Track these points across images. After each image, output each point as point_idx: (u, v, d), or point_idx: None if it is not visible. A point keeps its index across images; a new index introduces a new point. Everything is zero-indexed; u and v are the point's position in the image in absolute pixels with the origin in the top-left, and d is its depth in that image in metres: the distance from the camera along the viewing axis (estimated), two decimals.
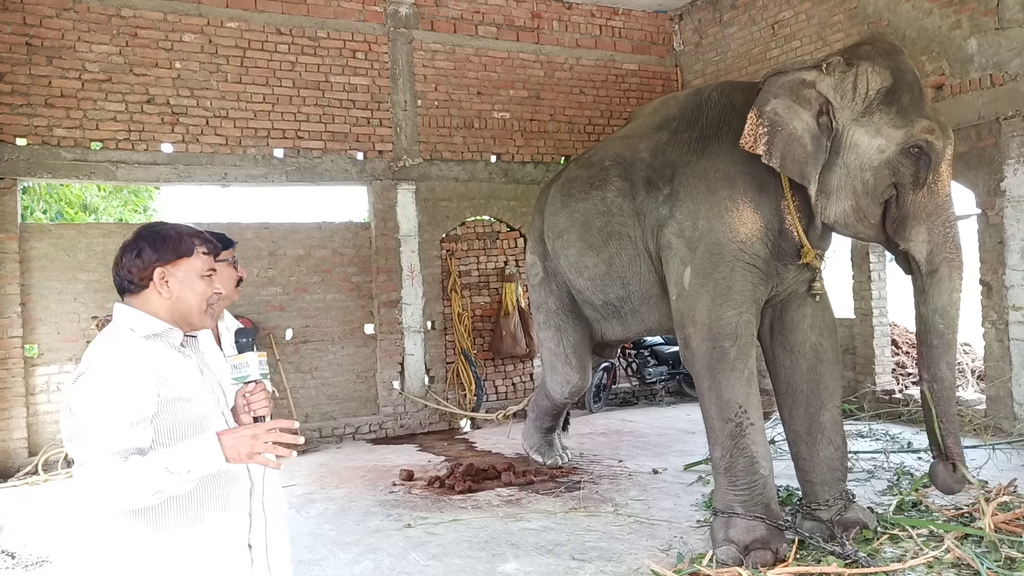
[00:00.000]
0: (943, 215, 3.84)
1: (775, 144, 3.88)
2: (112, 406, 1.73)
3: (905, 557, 3.82)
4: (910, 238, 3.89)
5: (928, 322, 3.93)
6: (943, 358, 3.93)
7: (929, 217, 3.84)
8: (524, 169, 9.07)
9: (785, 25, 8.49)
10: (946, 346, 3.92)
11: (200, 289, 1.91)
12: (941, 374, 3.93)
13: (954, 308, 3.90)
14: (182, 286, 1.89)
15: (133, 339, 1.83)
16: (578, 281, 5.36)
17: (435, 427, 8.45)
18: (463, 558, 4.33)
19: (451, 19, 8.70)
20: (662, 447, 6.93)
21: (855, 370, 7.83)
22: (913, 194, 3.84)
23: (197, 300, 1.91)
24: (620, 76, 9.71)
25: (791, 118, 3.88)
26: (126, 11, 7.26)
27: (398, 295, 8.35)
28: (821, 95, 3.88)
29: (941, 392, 3.94)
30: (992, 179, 6.36)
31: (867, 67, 3.83)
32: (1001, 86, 6.33)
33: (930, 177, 3.82)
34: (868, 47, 3.95)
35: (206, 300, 1.92)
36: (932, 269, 3.87)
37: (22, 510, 5.71)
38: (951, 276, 3.86)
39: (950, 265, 3.85)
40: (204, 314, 1.93)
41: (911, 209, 3.86)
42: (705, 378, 4.13)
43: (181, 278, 1.89)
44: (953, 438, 3.95)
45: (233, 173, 7.67)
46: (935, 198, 3.84)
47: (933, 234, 3.84)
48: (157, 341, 1.86)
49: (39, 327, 7.02)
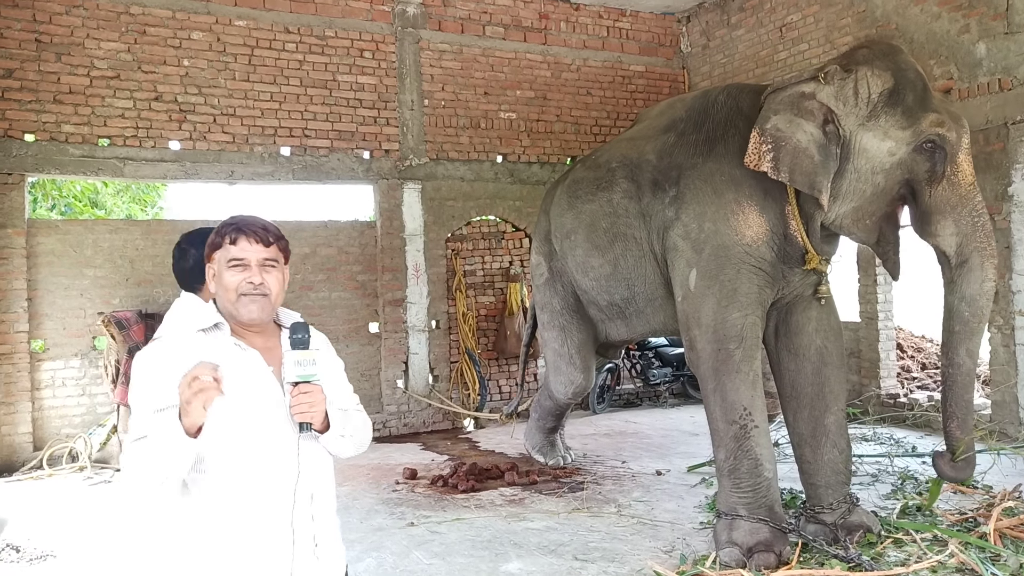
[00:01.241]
0: (968, 205, 3.75)
1: (781, 159, 3.86)
2: (141, 394, 1.78)
3: (909, 561, 3.82)
4: (936, 233, 3.80)
5: (954, 309, 3.82)
6: (963, 344, 3.81)
7: (954, 209, 3.75)
8: (530, 169, 9.08)
9: (793, 28, 8.48)
10: (969, 333, 3.80)
11: (226, 280, 1.88)
12: (959, 360, 3.82)
13: (984, 298, 3.78)
14: (216, 279, 1.92)
15: (183, 333, 1.87)
16: (584, 281, 5.36)
17: (439, 426, 8.45)
18: (466, 557, 4.33)
19: (458, 19, 8.71)
20: (666, 448, 6.93)
21: (860, 374, 7.81)
22: (932, 189, 3.77)
23: (226, 291, 1.89)
24: (627, 77, 9.71)
25: (794, 131, 3.86)
26: (135, 8, 7.28)
27: (403, 294, 8.36)
28: (823, 105, 3.85)
29: (955, 377, 3.83)
30: (1000, 184, 6.35)
31: (866, 71, 3.80)
32: (1010, 91, 6.31)
33: (948, 169, 3.75)
34: (865, 51, 3.92)
35: (235, 291, 1.87)
36: (963, 260, 3.77)
37: (27, 504, 5.73)
38: (983, 265, 3.75)
39: (981, 254, 3.75)
40: (237, 304, 1.88)
41: (933, 204, 3.78)
42: (710, 380, 4.13)
43: (215, 270, 1.92)
44: (958, 422, 3.83)
45: (240, 171, 7.69)
46: (958, 189, 3.76)
47: (961, 225, 3.75)
48: (214, 333, 1.89)
49: (45, 322, 7.05)
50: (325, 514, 1.94)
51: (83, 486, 6.30)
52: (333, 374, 2.02)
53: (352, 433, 1.96)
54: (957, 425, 3.85)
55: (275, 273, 1.92)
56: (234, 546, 1.81)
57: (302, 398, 1.80)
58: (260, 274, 1.89)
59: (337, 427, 1.90)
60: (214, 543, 1.81)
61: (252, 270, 1.88)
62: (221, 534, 1.81)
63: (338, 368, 2.08)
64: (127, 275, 7.35)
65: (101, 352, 7.05)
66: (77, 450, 6.85)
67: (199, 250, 2.42)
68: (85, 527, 5.15)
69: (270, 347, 1.94)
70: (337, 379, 2.04)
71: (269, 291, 1.90)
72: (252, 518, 1.82)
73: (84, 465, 6.71)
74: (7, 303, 6.81)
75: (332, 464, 2.00)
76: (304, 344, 1.84)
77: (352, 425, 1.97)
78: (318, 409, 1.82)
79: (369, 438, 2.07)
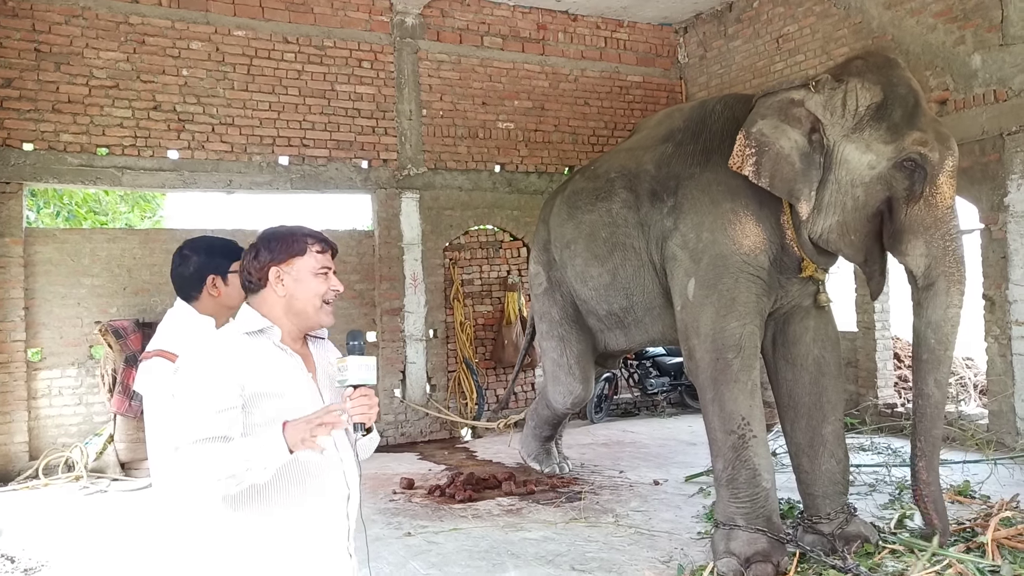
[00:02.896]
0: (942, 228, 3.73)
1: (763, 164, 3.90)
2: (198, 395, 1.80)
3: (907, 572, 3.81)
4: (906, 252, 3.81)
5: (921, 336, 3.84)
6: (932, 374, 3.81)
7: (927, 230, 3.75)
8: (528, 179, 9.10)
9: (790, 39, 8.52)
10: (936, 362, 3.80)
11: (313, 287, 1.94)
12: (928, 390, 3.82)
13: (949, 324, 3.77)
14: (296, 284, 1.94)
15: (230, 335, 1.90)
16: (583, 291, 5.37)
17: (436, 436, 8.44)
18: (463, 567, 4.32)
19: (457, 30, 8.75)
20: (663, 458, 6.92)
21: (857, 383, 7.82)
22: (908, 207, 3.76)
23: (311, 297, 1.94)
24: (624, 88, 9.75)
25: (777, 137, 3.88)
26: (134, 18, 7.31)
27: (401, 303, 8.36)
28: (810, 113, 3.87)
29: (924, 409, 3.83)
30: (995, 194, 6.37)
31: (856, 83, 3.81)
32: (1005, 101, 6.35)
33: (927, 190, 3.73)
34: (860, 62, 3.93)
35: (321, 297, 1.95)
36: (929, 283, 3.78)
37: (22, 514, 5.71)
38: (948, 291, 3.74)
39: (948, 279, 3.74)
40: (320, 311, 1.96)
41: (907, 222, 3.78)
42: (708, 389, 4.13)
43: (295, 276, 1.94)
44: (925, 462, 3.81)
45: (238, 180, 7.69)
46: (933, 211, 3.74)
47: (931, 247, 3.74)
48: (259, 337, 1.91)
49: (42, 331, 7.04)
50: (357, 515, 2.02)
51: (79, 496, 6.28)
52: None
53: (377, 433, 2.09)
54: (924, 466, 3.83)
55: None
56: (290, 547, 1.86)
57: (362, 400, 1.86)
58: (338, 284, 2.00)
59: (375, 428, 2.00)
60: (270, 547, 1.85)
61: (333, 279, 1.99)
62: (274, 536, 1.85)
63: None
64: (124, 284, 7.34)
65: (98, 361, 7.03)
66: (73, 460, 6.82)
67: (200, 257, 2.41)
68: (81, 537, 5.13)
69: (304, 354, 2.01)
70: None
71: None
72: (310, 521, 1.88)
73: (80, 475, 6.68)
74: (4, 312, 6.80)
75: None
76: (362, 350, 1.93)
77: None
78: (375, 412, 1.90)
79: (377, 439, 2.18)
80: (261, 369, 1.87)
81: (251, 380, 1.84)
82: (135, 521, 5.37)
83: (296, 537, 1.86)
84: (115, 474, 6.74)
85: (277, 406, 1.85)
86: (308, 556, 1.87)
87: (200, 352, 1.87)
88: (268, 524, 1.85)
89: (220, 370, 1.82)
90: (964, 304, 3.82)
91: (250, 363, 1.86)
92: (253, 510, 1.84)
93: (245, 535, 1.84)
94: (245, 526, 1.85)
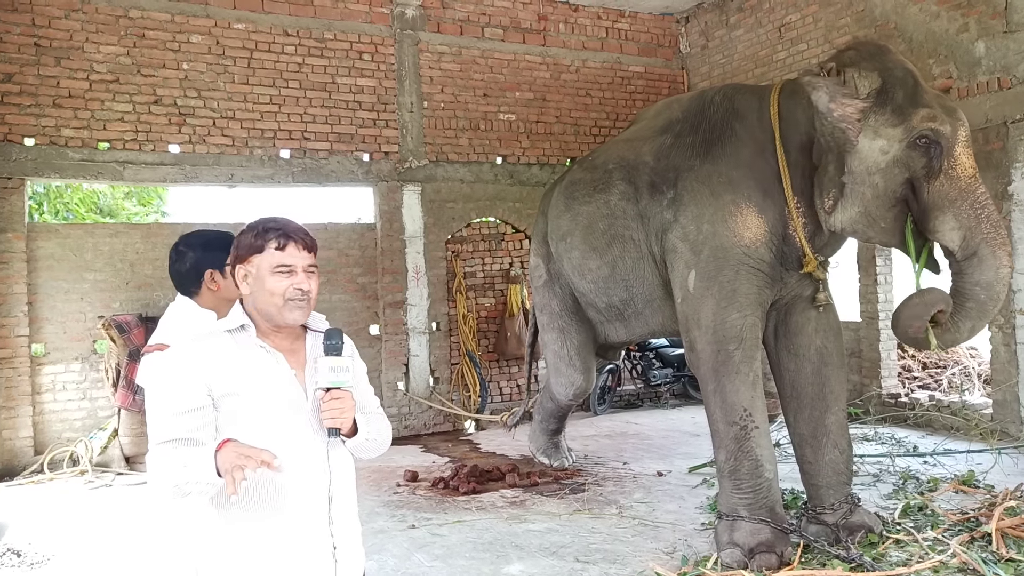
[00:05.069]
0: (970, 198, 3.62)
1: None
2: (161, 397, 1.80)
3: (911, 561, 3.81)
4: (937, 228, 3.68)
5: (967, 292, 3.63)
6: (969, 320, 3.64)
7: (953, 204, 3.63)
8: (530, 171, 9.08)
9: (792, 28, 8.48)
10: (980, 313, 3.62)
11: (270, 285, 1.87)
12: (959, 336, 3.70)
13: (1000, 284, 3.58)
14: (255, 282, 1.88)
15: (209, 333, 1.88)
16: (581, 284, 5.36)
17: (439, 428, 8.45)
18: (467, 559, 4.33)
19: (457, 21, 8.71)
20: (666, 450, 6.92)
21: (860, 373, 7.80)
22: (930, 185, 3.66)
23: (268, 296, 1.87)
24: (626, 78, 9.71)
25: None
26: (134, 12, 7.29)
27: (403, 296, 8.36)
28: None
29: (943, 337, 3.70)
30: (999, 183, 6.34)
31: (853, 73, 3.76)
32: (1009, 89, 6.31)
33: (945, 164, 3.64)
34: (852, 52, 3.89)
35: (282, 295, 1.87)
36: (970, 253, 3.59)
37: (28, 508, 5.73)
38: (995, 254, 3.56)
39: (990, 244, 3.57)
40: (284, 308, 1.87)
41: (932, 200, 3.67)
42: (710, 381, 4.13)
43: (255, 274, 1.89)
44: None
45: (239, 174, 7.69)
46: (956, 183, 3.64)
47: (962, 219, 3.61)
48: (241, 334, 1.89)
49: (45, 326, 7.05)
50: (345, 517, 1.95)
51: (84, 490, 6.30)
52: (358, 378, 2.04)
53: (375, 436, 2.00)
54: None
55: (315, 278, 1.95)
56: (270, 549, 1.82)
57: (334, 404, 1.82)
58: (307, 280, 1.91)
59: (363, 432, 1.93)
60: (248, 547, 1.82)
61: (299, 276, 1.89)
62: (255, 537, 1.82)
63: (362, 372, 2.10)
64: (127, 279, 7.34)
65: (102, 356, 7.05)
66: (78, 454, 6.84)
67: (196, 253, 2.40)
68: (86, 531, 5.15)
69: (294, 349, 1.96)
70: (361, 383, 2.07)
71: (311, 296, 1.92)
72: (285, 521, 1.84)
73: (85, 469, 6.70)
74: (7, 307, 6.81)
75: (353, 467, 2.02)
76: (338, 351, 1.87)
77: (375, 428, 2.00)
78: (348, 416, 1.85)
79: (389, 440, 2.10)
80: (233, 368, 1.83)
81: (219, 380, 1.81)
82: (140, 515, 5.39)
83: (275, 540, 1.83)
84: (120, 468, 6.75)
85: (247, 404, 1.82)
86: (287, 560, 1.83)
87: (165, 354, 1.86)
88: (248, 525, 1.82)
89: (183, 372, 1.80)
90: (1013, 267, 3.68)
91: (219, 362, 1.82)
92: (234, 510, 1.82)
93: (228, 535, 1.83)
94: (228, 526, 1.83)
